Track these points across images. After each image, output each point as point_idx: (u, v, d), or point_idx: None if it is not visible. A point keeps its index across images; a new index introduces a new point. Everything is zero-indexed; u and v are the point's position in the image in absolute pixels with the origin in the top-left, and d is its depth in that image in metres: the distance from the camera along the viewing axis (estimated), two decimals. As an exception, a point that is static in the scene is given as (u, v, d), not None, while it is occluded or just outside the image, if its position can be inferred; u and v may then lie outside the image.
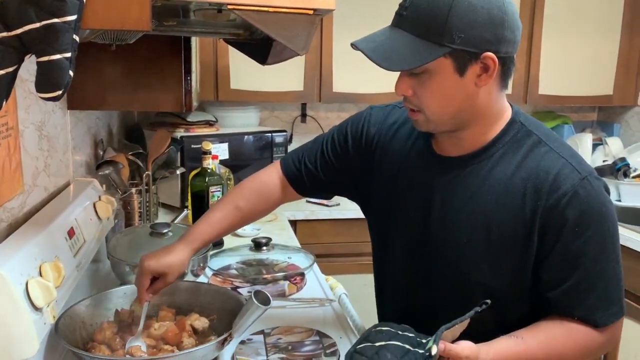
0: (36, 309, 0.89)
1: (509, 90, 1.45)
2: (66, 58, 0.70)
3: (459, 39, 0.91)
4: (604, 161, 2.95)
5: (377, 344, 0.95)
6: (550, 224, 0.96)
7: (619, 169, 2.82)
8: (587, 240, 0.96)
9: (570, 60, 2.88)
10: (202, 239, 1.19)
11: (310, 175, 1.24)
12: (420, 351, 0.92)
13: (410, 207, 1.10)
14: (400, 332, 0.98)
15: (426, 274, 1.09)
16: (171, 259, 1.12)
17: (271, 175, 1.29)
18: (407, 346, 0.94)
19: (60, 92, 0.71)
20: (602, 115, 3.36)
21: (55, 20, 0.69)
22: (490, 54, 0.93)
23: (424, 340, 0.95)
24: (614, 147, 3.05)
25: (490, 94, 1.00)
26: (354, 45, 0.95)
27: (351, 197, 1.29)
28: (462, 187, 1.04)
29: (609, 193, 1.01)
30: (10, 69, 0.71)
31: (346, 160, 1.21)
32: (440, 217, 1.05)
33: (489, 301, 0.94)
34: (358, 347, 0.95)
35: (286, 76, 2.66)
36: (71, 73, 0.71)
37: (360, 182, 1.21)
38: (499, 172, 1.01)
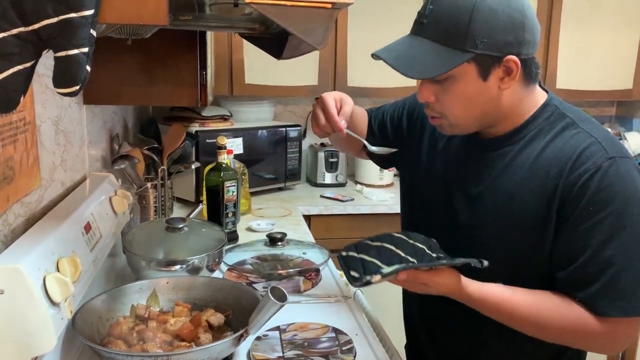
0: (54, 304, 0.89)
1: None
2: (83, 53, 0.70)
3: (482, 43, 0.91)
4: (622, 156, 2.91)
5: (374, 243, 0.99)
6: (567, 200, 0.95)
7: (638, 164, 2.77)
8: (601, 221, 0.93)
9: (589, 53, 2.84)
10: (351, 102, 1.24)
11: (381, 121, 1.32)
12: (416, 262, 0.95)
13: (443, 185, 1.13)
14: (411, 242, 1.00)
15: (450, 253, 1.07)
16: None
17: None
18: (402, 254, 0.96)
19: (78, 87, 0.71)
20: (621, 110, 3.31)
21: (73, 14, 0.68)
22: (512, 57, 0.93)
23: (440, 257, 0.98)
24: (633, 142, 3.00)
25: (514, 95, 1.00)
26: (374, 55, 0.96)
27: (398, 165, 1.35)
28: (491, 167, 1.05)
29: None
30: (28, 64, 0.70)
31: (400, 126, 1.28)
32: (469, 196, 1.07)
33: (486, 263, 0.95)
34: (359, 241, 1.01)
35: (300, 71, 2.65)
36: (88, 68, 0.71)
37: (405, 153, 1.25)
38: (527, 152, 1.01)
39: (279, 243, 1.69)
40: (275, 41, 1.28)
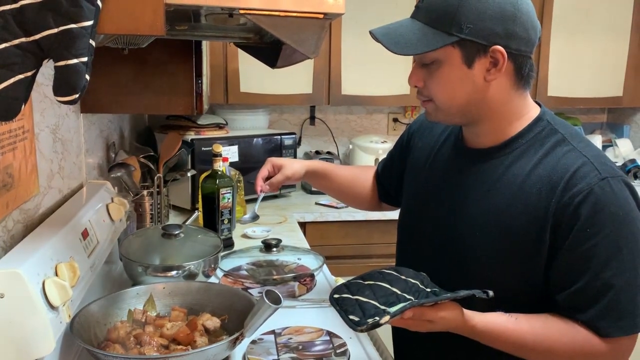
0: (52, 307, 0.90)
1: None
2: (83, 62, 0.72)
3: (467, 29, 0.93)
4: (613, 163, 2.94)
5: (367, 282, 0.97)
6: (562, 222, 0.94)
7: (629, 170, 2.81)
8: (598, 243, 0.92)
9: (580, 61, 2.88)
10: (318, 163, 1.46)
11: (388, 169, 1.40)
12: (413, 299, 0.91)
13: (433, 198, 1.13)
14: (403, 277, 0.96)
15: (441, 270, 1.07)
16: (290, 159, 1.44)
17: (371, 170, 1.50)
18: (398, 291, 0.92)
19: (77, 95, 0.73)
20: (612, 117, 3.35)
21: (73, 25, 0.71)
22: (499, 47, 0.94)
23: (435, 291, 0.94)
24: (624, 148, 3.04)
25: (502, 90, 1.00)
26: (371, 33, 0.99)
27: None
28: (480, 180, 1.04)
29: (637, 199, 0.96)
30: (29, 74, 0.73)
31: (399, 157, 1.35)
32: (458, 210, 1.06)
33: (491, 293, 0.91)
34: (349, 281, 0.98)
35: (295, 79, 2.67)
36: (87, 77, 0.73)
37: (403, 185, 1.29)
38: (518, 168, 1.01)
39: (274, 249, 1.71)
40: (270, 50, 1.30)
